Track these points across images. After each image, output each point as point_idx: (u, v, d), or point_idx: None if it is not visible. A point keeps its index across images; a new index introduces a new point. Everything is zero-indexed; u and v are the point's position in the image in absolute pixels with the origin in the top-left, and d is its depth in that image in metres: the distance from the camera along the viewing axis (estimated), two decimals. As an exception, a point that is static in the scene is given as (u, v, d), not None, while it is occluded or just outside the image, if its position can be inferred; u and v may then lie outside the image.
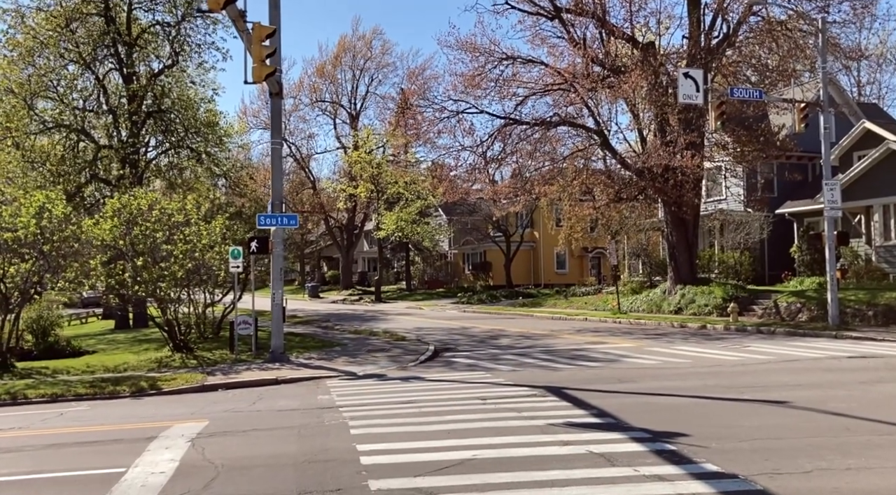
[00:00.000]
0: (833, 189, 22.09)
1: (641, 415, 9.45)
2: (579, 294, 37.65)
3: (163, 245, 18.74)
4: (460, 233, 58.88)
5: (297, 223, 17.98)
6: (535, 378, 13.89)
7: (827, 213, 22.24)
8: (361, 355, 18.54)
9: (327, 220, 65.14)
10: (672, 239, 30.00)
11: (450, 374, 15.01)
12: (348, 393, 12.76)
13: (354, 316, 35.70)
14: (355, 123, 62.58)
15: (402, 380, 14.34)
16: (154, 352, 20.09)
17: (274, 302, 17.60)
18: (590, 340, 21.17)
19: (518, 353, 18.31)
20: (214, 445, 8.45)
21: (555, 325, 27.21)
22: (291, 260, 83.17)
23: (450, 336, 23.84)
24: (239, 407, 11.75)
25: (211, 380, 14.94)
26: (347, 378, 15.17)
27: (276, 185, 17.85)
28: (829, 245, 22.08)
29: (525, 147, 29.58)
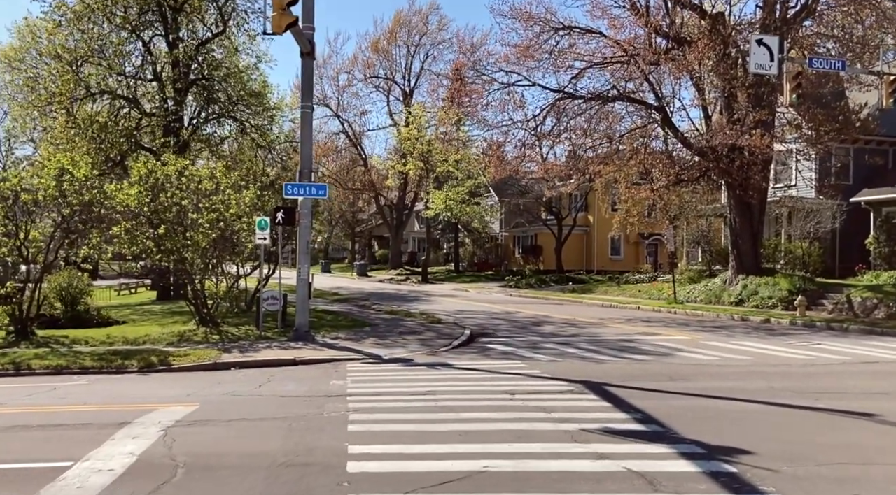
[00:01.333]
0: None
1: (694, 424, 7.94)
2: (633, 281, 35.75)
3: (190, 213, 17.82)
4: (511, 215, 57.24)
5: (327, 193, 16.81)
6: (574, 370, 12.43)
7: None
8: (391, 337, 17.35)
9: (378, 199, 64.25)
10: (735, 225, 27.89)
11: (481, 362, 13.67)
12: (365, 379, 11.55)
13: (396, 295, 34.63)
14: (408, 100, 61.26)
15: (428, 367, 13.06)
16: (180, 325, 19.31)
17: (300, 277, 16.52)
18: (641, 330, 19.52)
19: (560, 342, 16.85)
20: (188, 437, 7.32)
21: (604, 313, 25.56)
22: (342, 238, 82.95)
23: (490, 320, 22.47)
24: (241, 390, 10.66)
25: (225, 358, 13.94)
26: (370, 361, 13.99)
27: (306, 152, 16.70)
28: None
29: (580, 123, 27.81)
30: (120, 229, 17.51)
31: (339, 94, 63.69)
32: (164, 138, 29.51)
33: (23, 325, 16.71)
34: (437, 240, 66.90)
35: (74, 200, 16.22)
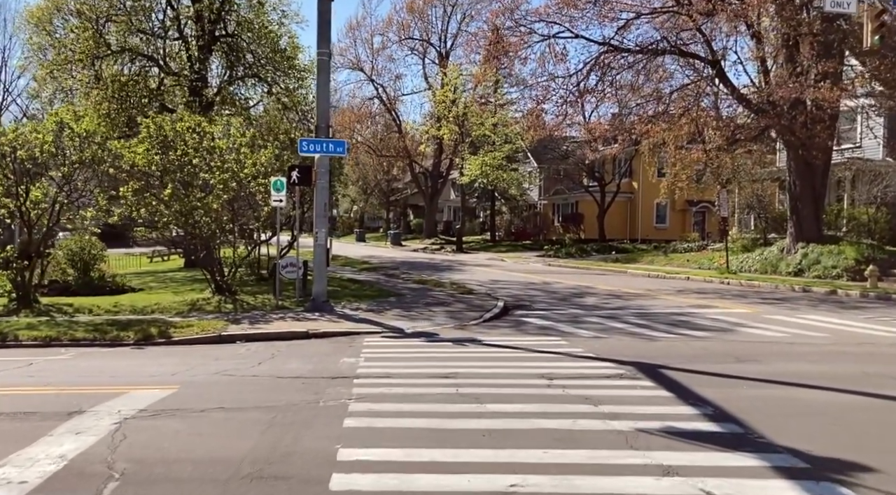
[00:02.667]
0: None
1: (782, 423, 6.26)
2: (681, 250, 33.64)
3: (201, 173, 16.46)
4: (551, 182, 55.15)
5: (346, 151, 15.26)
6: (622, 349, 10.77)
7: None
8: (417, 308, 15.85)
9: (412, 166, 62.65)
10: (795, 189, 25.63)
11: (515, 338, 12.08)
12: (380, 357, 10.06)
13: (429, 265, 33.13)
14: (444, 63, 59.14)
15: (454, 343, 11.52)
16: (196, 294, 18.10)
17: (316, 242, 15.07)
18: (694, 303, 17.70)
19: (605, 316, 15.15)
20: (144, 433, 5.89)
21: (651, 284, 23.70)
22: (377, 207, 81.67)
23: (526, 291, 20.82)
24: (236, 368, 9.25)
25: (232, 330, 12.59)
26: (391, 335, 12.50)
27: (322, 105, 15.13)
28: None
29: (626, 79, 25.70)
30: (126, 190, 16.24)
31: (373, 57, 61.93)
32: (189, 98, 28.29)
33: (25, 292, 15.62)
34: (473, 208, 65.15)
35: (74, 157, 14.94)
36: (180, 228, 16.38)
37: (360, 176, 74.63)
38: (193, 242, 16.83)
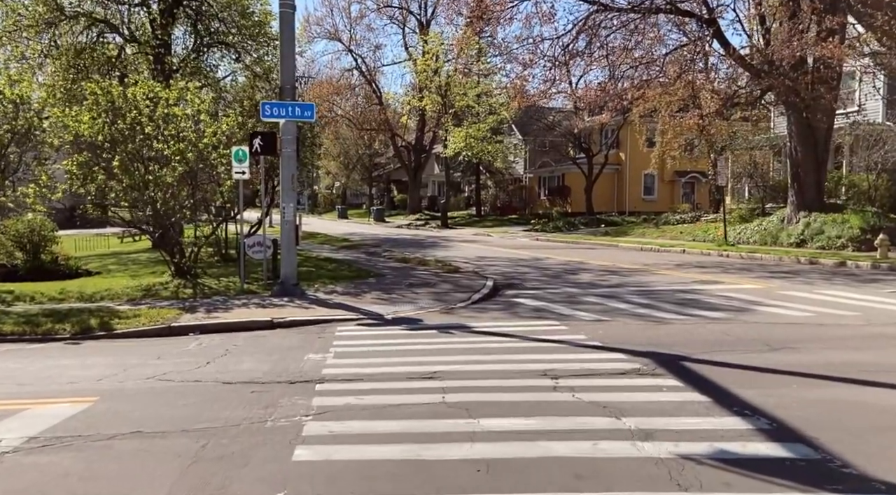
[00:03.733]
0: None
1: (863, 440, 4.87)
2: (673, 222, 32.35)
3: (154, 143, 14.76)
4: (536, 155, 53.59)
5: (314, 116, 13.62)
6: (632, 335, 9.37)
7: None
8: (399, 290, 14.36)
9: (394, 140, 60.77)
10: (796, 155, 24.30)
11: (508, 323, 10.65)
12: (353, 352, 8.59)
13: (413, 241, 31.61)
14: (425, 31, 57.07)
15: (440, 331, 10.06)
16: (154, 277, 16.48)
17: (283, 218, 13.49)
18: (697, 278, 16.35)
19: (604, 294, 13.75)
20: (17, 479, 4.37)
21: (646, 258, 22.34)
22: (360, 182, 79.74)
23: (516, 268, 19.38)
24: (178, 370, 7.73)
25: (185, 320, 11.05)
26: (368, 323, 11.03)
27: (287, 64, 13.46)
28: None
29: (617, 41, 24.06)
30: (70, 163, 14.53)
31: (350, 26, 59.77)
32: (153, 67, 26.35)
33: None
34: (458, 182, 63.49)
35: (5, 126, 13.20)
36: (131, 205, 14.69)
37: (341, 150, 72.63)
38: (145, 221, 15.17)
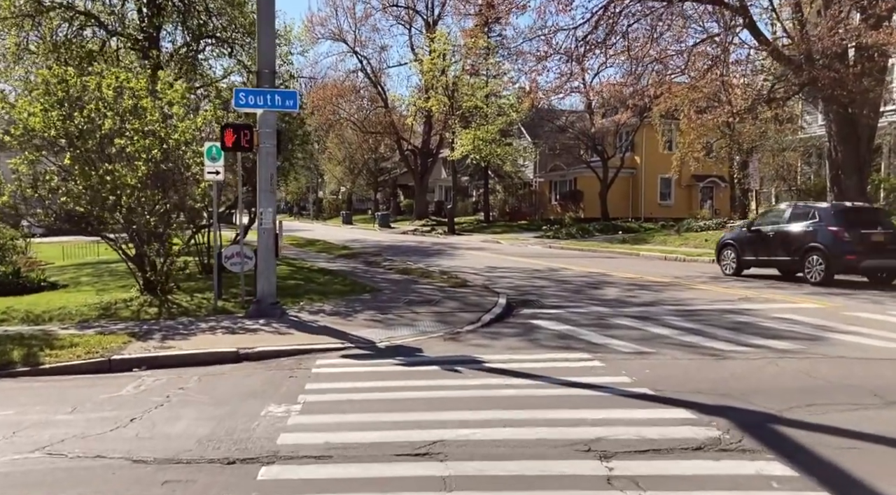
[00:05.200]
0: None
1: None
2: (696, 229, 30.17)
3: (116, 139, 12.78)
4: (547, 158, 51.51)
5: (297, 105, 11.62)
6: (687, 376, 7.33)
7: None
8: (396, 309, 12.30)
9: (400, 143, 58.86)
10: (836, 156, 22.14)
11: (527, 356, 8.60)
12: (327, 403, 6.56)
13: (417, 249, 29.56)
14: (432, 31, 55.24)
15: (443, 367, 8.00)
16: (121, 292, 14.52)
17: (260, 226, 11.47)
18: (741, 294, 14.24)
19: (637, 315, 11.67)
20: None
21: (674, 269, 20.23)
22: (365, 188, 77.82)
23: (531, 281, 17.31)
24: (84, 433, 5.70)
25: (132, 350, 9.03)
26: (356, 354, 9.00)
27: (265, 43, 11.46)
28: None
29: (639, 31, 21.99)
30: (18, 162, 12.56)
31: (356, 27, 57.86)
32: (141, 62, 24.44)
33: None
34: (465, 187, 61.49)
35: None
36: (87, 211, 12.66)
37: (346, 155, 70.83)
38: (104, 228, 13.16)
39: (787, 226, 16.62)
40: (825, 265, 15.39)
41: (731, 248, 18.08)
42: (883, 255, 15.41)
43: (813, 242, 15.71)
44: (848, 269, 15.55)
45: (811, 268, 15.71)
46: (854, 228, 15.45)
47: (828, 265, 15.35)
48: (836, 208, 16.56)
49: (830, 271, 15.37)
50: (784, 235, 16.56)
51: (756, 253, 17.32)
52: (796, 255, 16.06)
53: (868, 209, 17.63)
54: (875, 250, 15.35)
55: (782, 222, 16.88)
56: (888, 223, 16.40)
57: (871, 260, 15.37)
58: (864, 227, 15.59)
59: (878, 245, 15.41)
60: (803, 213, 16.54)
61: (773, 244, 16.83)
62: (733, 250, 17.95)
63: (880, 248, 15.40)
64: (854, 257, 15.22)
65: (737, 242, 17.97)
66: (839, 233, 15.40)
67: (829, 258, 15.33)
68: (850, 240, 15.30)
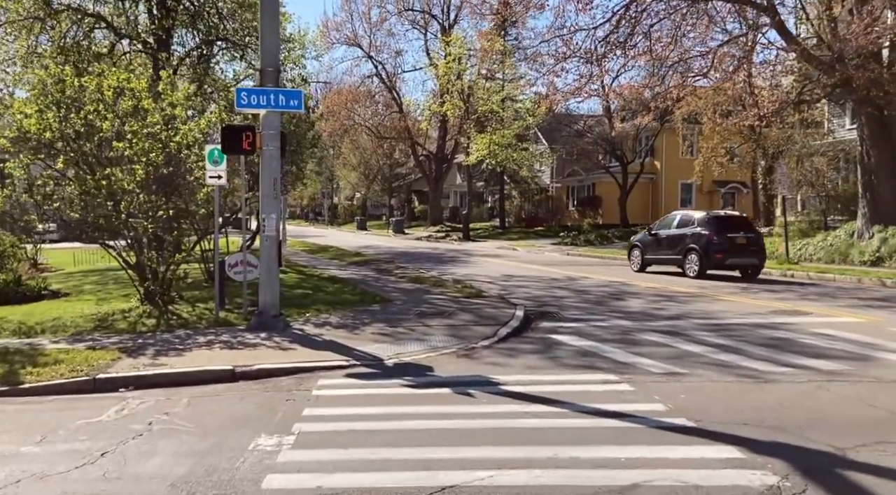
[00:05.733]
0: None
1: None
2: (719, 236, 29.18)
3: (114, 142, 12.19)
4: (564, 164, 50.69)
5: (302, 105, 10.94)
6: (728, 403, 6.58)
7: None
8: (407, 322, 11.58)
9: (414, 148, 58.30)
10: (868, 160, 21.28)
11: (547, 377, 7.86)
12: (325, 434, 5.85)
13: (431, 256, 28.87)
14: (448, 35, 54.70)
15: (456, 390, 7.28)
16: (121, 302, 13.94)
17: (263, 233, 10.81)
18: (773, 307, 13.41)
19: (665, 329, 10.89)
20: None
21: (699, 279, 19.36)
22: (380, 193, 77.32)
23: (549, 290, 16.55)
24: (44, 469, 5.03)
25: (120, 368, 8.37)
26: (361, 372, 8.29)
27: (268, 40, 10.83)
28: None
29: (662, 31, 21.22)
30: (12, 166, 12.00)
31: (371, 32, 57.43)
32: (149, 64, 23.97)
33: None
34: (481, 193, 60.80)
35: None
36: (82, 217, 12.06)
37: (361, 160, 70.41)
38: (101, 235, 12.54)
39: (675, 230, 19.95)
40: (699, 262, 18.72)
41: (637, 249, 21.21)
42: (744, 255, 18.77)
43: (691, 244, 19.05)
44: (716, 265, 18.74)
45: (690, 264, 19.02)
46: (722, 233, 18.64)
47: (701, 262, 18.68)
48: (710, 216, 19.81)
49: (703, 267, 18.64)
50: (672, 238, 19.86)
51: (654, 252, 20.51)
52: (680, 254, 19.36)
53: (735, 217, 20.97)
54: (738, 250, 18.67)
55: (672, 228, 20.21)
56: (751, 228, 20.07)
57: (734, 258, 18.68)
58: (730, 232, 18.75)
59: (741, 246, 18.75)
60: (687, 221, 20.00)
61: (665, 245, 20.11)
62: (639, 250, 21.07)
63: (743, 249, 18.76)
64: (721, 256, 18.52)
65: (641, 244, 21.12)
66: (710, 237, 18.65)
67: (702, 256, 18.65)
68: (718, 242, 18.54)
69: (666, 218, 22.24)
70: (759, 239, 19.48)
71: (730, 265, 18.86)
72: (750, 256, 18.84)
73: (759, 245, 19.15)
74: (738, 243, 18.67)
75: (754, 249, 18.89)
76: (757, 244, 19.10)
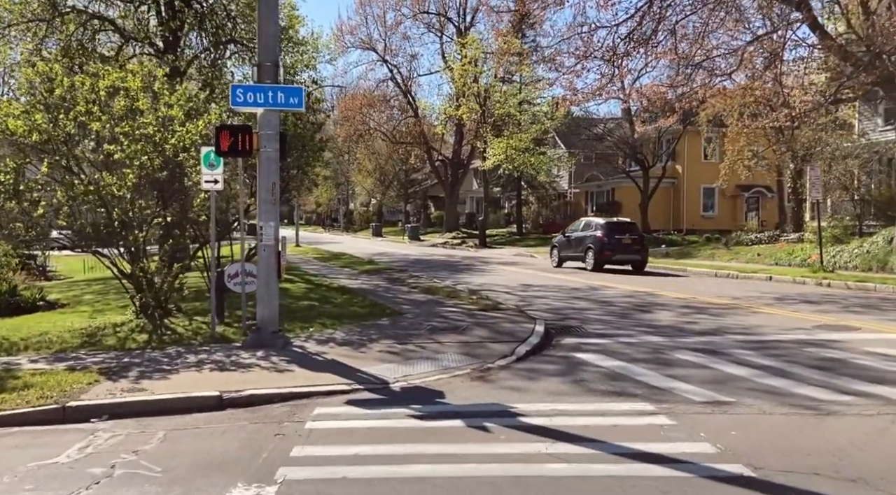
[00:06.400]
0: None
1: None
2: (746, 242, 28.10)
3: (105, 144, 11.40)
4: (583, 168, 49.63)
5: (303, 104, 10.04)
6: (790, 443, 5.60)
7: None
8: (417, 338, 10.65)
9: (430, 153, 57.47)
10: (908, 163, 20.08)
11: (574, 406, 6.90)
12: (317, 482, 4.95)
13: (446, 264, 27.95)
14: (464, 38, 53.87)
15: (469, 423, 6.35)
16: (117, 314, 13.17)
17: (260, 242, 9.93)
18: (817, 321, 12.35)
19: (701, 347, 9.90)
20: None
21: (731, 288, 18.31)
22: (396, 199, 76.55)
23: (570, 302, 15.56)
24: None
25: (96, 393, 7.51)
26: (365, 398, 7.39)
27: (266, 32, 9.97)
28: None
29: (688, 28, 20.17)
30: (-1, 170, 11.23)
31: (386, 35, 56.75)
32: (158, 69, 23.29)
33: None
34: (497, 198, 59.83)
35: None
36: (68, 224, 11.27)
37: (376, 166, 69.70)
38: (88, 242, 11.74)
39: (580, 233, 24.70)
40: (594, 258, 23.23)
41: (555, 249, 26.05)
42: (629, 252, 23.23)
43: (589, 244, 23.58)
44: (607, 261, 23.05)
45: (588, 260, 23.59)
46: (612, 235, 23.21)
47: (595, 258, 23.20)
48: (605, 221, 24.52)
49: (597, 262, 23.11)
50: (578, 240, 24.51)
51: (566, 251, 25.18)
52: (582, 252, 23.96)
53: (624, 223, 25.20)
54: (624, 249, 23.19)
55: (578, 231, 25.06)
56: (636, 231, 24.67)
57: (621, 255, 23.15)
58: (618, 234, 23.36)
59: (626, 246, 23.26)
60: (589, 226, 24.83)
61: (573, 245, 24.72)
62: (556, 250, 25.96)
63: (628, 248, 23.24)
64: (610, 253, 23.00)
65: (558, 245, 25.92)
66: (602, 239, 23.20)
67: (595, 254, 23.20)
68: (608, 242, 23.08)
69: (575, 223, 26.87)
70: (641, 240, 23.93)
71: (617, 261, 23.07)
72: (634, 254, 23.16)
73: (641, 245, 23.46)
74: (624, 243, 23.10)
75: (637, 248, 23.19)
76: (640, 244, 23.43)
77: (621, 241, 23.05)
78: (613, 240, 22.89)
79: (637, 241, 23.32)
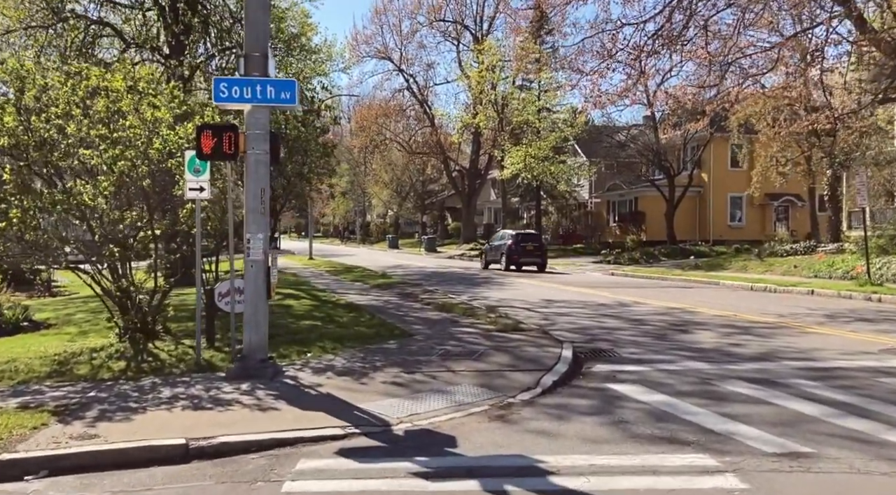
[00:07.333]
0: None
1: None
2: (781, 253, 26.52)
3: (81, 149, 10.26)
4: (605, 177, 48.17)
5: (297, 100, 8.81)
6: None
7: None
8: (427, 365, 9.34)
9: (446, 163, 56.38)
10: (961, 168, 18.53)
11: (614, 462, 5.55)
12: None
13: (462, 277, 26.65)
14: (481, 43, 52.80)
15: (486, 488, 5.03)
16: (102, 337, 11.99)
17: (247, 257, 8.70)
18: (880, 342, 10.94)
19: (753, 376, 8.53)
20: None
21: (771, 303, 16.85)
22: (413, 211, 75.42)
23: (599, 320, 14.20)
24: None
25: (37, 441, 6.26)
26: (361, 446, 6.11)
27: (254, 19, 8.79)
28: None
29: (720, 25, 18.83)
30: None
31: (401, 44, 55.92)
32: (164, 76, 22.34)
33: None
34: (516, 209, 58.46)
35: None
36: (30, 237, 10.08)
37: (392, 177, 68.70)
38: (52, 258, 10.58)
39: (498, 242, 31.26)
40: (505, 261, 29.50)
41: (484, 254, 33.07)
42: (531, 257, 29.60)
43: (501, 250, 29.98)
44: (514, 264, 29.42)
45: (500, 263, 29.84)
46: (519, 243, 29.70)
47: (506, 261, 29.49)
48: (515, 232, 31.54)
49: (507, 264, 29.46)
50: (496, 247, 30.99)
51: (490, 256, 31.56)
52: (498, 256, 30.21)
53: (530, 234, 33.04)
54: (528, 254, 29.63)
55: (497, 240, 31.79)
56: (538, 240, 31.77)
57: (524, 258, 29.50)
58: (524, 243, 29.94)
59: (529, 251, 29.66)
60: (504, 236, 31.31)
61: (495, 251, 30.95)
62: (484, 255, 32.88)
63: (531, 253, 29.66)
64: (517, 257, 29.41)
65: (485, 251, 32.86)
66: (511, 246, 29.53)
67: (506, 257, 29.52)
68: (515, 249, 29.42)
69: (495, 235, 34.66)
70: (542, 247, 30.71)
71: (522, 263, 29.42)
72: (535, 257, 29.60)
73: (542, 251, 30.07)
74: (527, 249, 29.52)
75: (538, 254, 29.70)
76: (540, 250, 30.00)
77: (525, 248, 29.46)
78: (519, 248, 29.27)
79: (538, 249, 29.91)
